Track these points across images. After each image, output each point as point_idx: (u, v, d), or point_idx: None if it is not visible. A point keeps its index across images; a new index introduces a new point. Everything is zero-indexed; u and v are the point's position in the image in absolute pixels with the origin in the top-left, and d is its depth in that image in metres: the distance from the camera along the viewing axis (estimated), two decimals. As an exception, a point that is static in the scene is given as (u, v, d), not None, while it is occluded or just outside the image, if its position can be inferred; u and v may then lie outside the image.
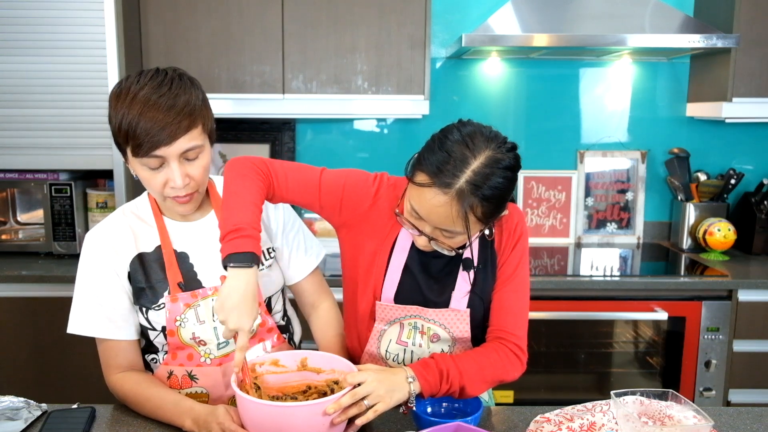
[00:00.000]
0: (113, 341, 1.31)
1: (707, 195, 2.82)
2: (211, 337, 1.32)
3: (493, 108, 2.94)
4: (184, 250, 1.34)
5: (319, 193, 1.29)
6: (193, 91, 1.25)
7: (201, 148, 1.25)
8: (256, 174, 1.24)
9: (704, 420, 1.13)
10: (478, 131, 1.15)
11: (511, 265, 1.31)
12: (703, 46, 2.40)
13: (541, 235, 2.97)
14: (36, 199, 2.61)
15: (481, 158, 1.11)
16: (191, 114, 1.22)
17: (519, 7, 2.50)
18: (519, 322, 1.30)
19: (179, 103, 1.20)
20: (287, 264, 1.46)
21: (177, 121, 1.19)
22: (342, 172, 1.33)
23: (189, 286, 1.32)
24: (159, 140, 1.18)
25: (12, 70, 2.38)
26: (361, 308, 1.34)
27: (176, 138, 1.20)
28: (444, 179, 1.10)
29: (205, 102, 1.29)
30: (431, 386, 1.18)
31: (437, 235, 1.18)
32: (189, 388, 1.34)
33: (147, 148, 1.19)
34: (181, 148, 1.21)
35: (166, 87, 1.21)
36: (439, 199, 1.11)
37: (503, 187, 1.13)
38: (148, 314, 1.32)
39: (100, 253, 1.31)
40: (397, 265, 1.30)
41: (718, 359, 2.41)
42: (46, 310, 2.30)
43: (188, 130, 1.21)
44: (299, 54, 2.54)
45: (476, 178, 1.10)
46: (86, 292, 1.31)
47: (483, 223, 1.17)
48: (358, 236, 1.32)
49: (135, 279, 1.31)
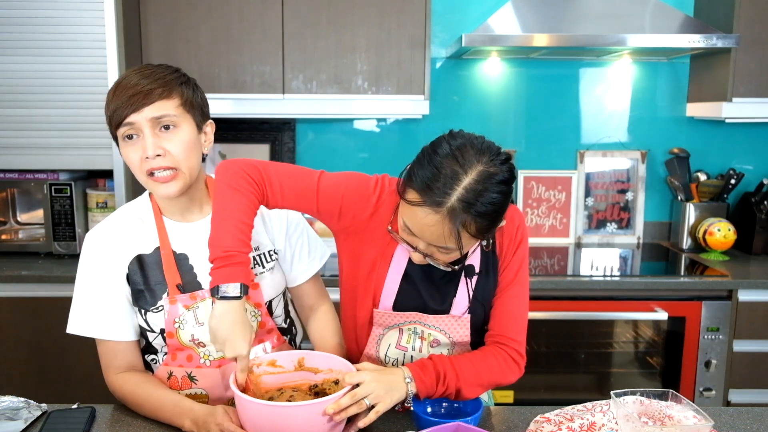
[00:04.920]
0: (112, 342, 1.31)
1: (707, 195, 2.82)
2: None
3: (493, 108, 2.94)
4: (183, 251, 1.34)
5: (316, 199, 1.24)
6: (176, 73, 1.28)
7: (176, 119, 1.25)
8: (248, 184, 1.19)
9: (704, 420, 1.13)
10: (469, 144, 1.09)
11: (512, 270, 1.29)
12: (703, 46, 2.40)
13: (541, 235, 2.97)
14: (36, 199, 2.61)
15: (472, 174, 1.06)
16: (165, 85, 1.24)
17: (519, 7, 2.50)
18: (519, 327, 1.29)
19: (154, 75, 1.24)
20: (290, 267, 1.45)
21: (148, 89, 1.22)
22: (341, 177, 1.26)
23: (188, 287, 1.31)
24: (129, 105, 1.21)
25: (12, 70, 2.38)
26: (360, 315, 1.32)
27: (145, 104, 1.21)
28: (435, 197, 1.06)
29: (187, 85, 1.29)
30: (428, 388, 1.19)
31: (432, 251, 1.14)
32: (189, 389, 1.34)
33: (119, 115, 1.22)
34: (150, 115, 1.22)
35: (151, 67, 1.27)
36: (431, 218, 1.07)
37: (498, 202, 1.08)
38: (146, 316, 1.31)
39: (99, 254, 1.31)
40: (397, 273, 1.28)
41: (718, 359, 2.41)
42: (46, 310, 2.30)
43: (160, 98, 1.23)
44: (299, 54, 2.54)
45: (468, 196, 1.05)
46: (85, 293, 1.31)
47: (479, 238, 1.13)
48: (358, 243, 1.29)
49: (133, 281, 1.31)
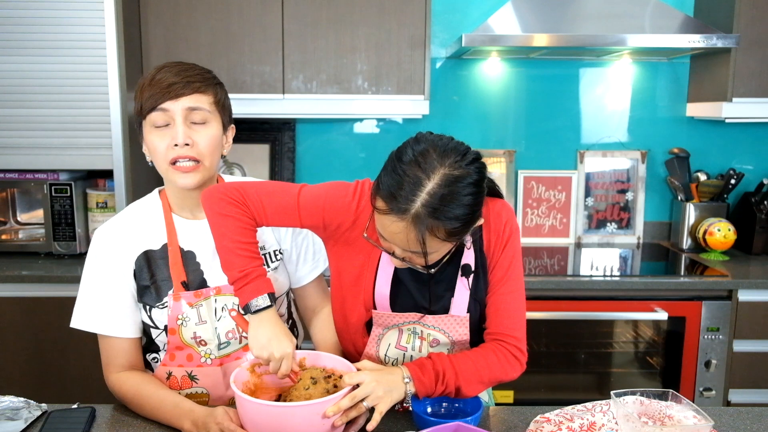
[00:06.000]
0: (114, 339, 1.31)
1: (707, 195, 2.82)
2: (212, 337, 1.32)
3: (493, 108, 2.94)
4: (191, 248, 1.35)
5: (298, 215, 1.24)
6: (211, 73, 1.34)
7: (208, 115, 1.29)
8: (234, 207, 1.22)
9: (704, 420, 1.13)
10: (432, 147, 1.07)
11: (502, 267, 1.28)
12: (703, 46, 2.40)
13: (541, 235, 2.97)
14: (36, 199, 2.61)
15: (435, 178, 1.05)
16: (202, 81, 1.29)
17: (519, 7, 2.50)
18: (517, 323, 1.29)
19: (192, 71, 1.29)
20: (295, 267, 1.47)
21: (185, 80, 1.27)
22: (321, 189, 1.26)
23: (194, 285, 1.32)
24: (166, 93, 1.25)
25: (12, 70, 2.38)
26: (353, 319, 1.32)
27: (182, 95, 1.26)
28: (399, 205, 1.05)
29: (221, 87, 1.35)
30: (426, 388, 1.19)
31: (408, 255, 1.13)
32: (189, 388, 1.34)
33: (154, 100, 1.25)
34: (186, 105, 1.26)
35: (187, 64, 1.32)
36: (396, 226, 1.07)
37: (467, 203, 1.07)
38: (151, 313, 1.32)
39: (107, 249, 1.32)
40: (386, 275, 1.28)
41: (718, 359, 2.41)
42: (46, 310, 2.30)
43: (196, 91, 1.27)
44: (299, 54, 2.54)
45: (433, 201, 1.04)
46: (91, 288, 1.32)
47: (452, 241, 1.12)
48: (344, 250, 1.30)
49: (140, 277, 1.32)
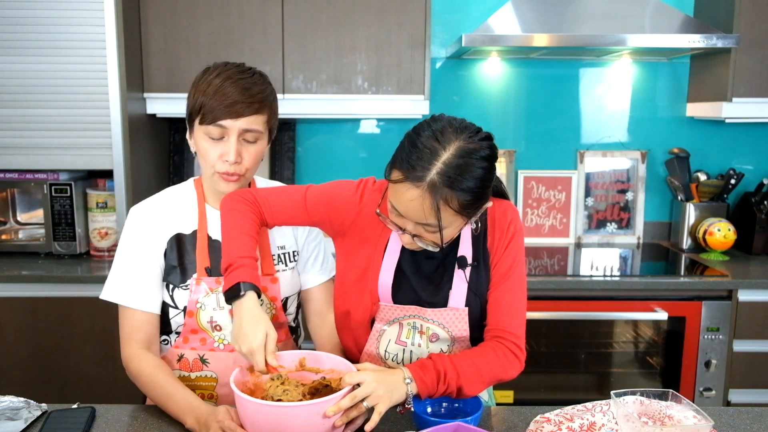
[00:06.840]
0: (138, 312, 1.35)
1: (707, 195, 2.82)
2: (227, 323, 1.36)
3: (493, 108, 2.94)
4: (218, 238, 1.39)
5: (306, 211, 1.33)
6: (269, 87, 1.38)
7: (260, 135, 1.35)
8: (244, 205, 1.31)
9: (704, 420, 1.13)
10: (448, 124, 1.15)
11: (504, 264, 1.30)
12: (703, 46, 2.40)
13: (541, 235, 2.97)
14: (36, 199, 2.61)
15: (451, 149, 1.11)
16: (262, 102, 1.34)
17: (519, 7, 2.50)
18: (516, 321, 1.29)
19: (255, 89, 1.33)
20: (302, 268, 1.52)
21: (248, 102, 1.31)
22: (326, 186, 1.35)
23: (216, 272, 1.37)
24: (227, 112, 1.30)
25: (12, 70, 2.38)
26: (357, 313, 1.34)
27: (242, 116, 1.31)
28: (416, 173, 1.11)
29: (275, 102, 1.40)
30: (428, 388, 1.19)
31: (420, 231, 1.18)
32: (200, 371, 1.38)
33: (214, 116, 1.30)
34: (243, 126, 1.31)
35: (248, 73, 1.35)
36: (412, 193, 1.12)
37: (480, 177, 1.12)
38: (173, 292, 1.37)
39: (142, 226, 1.38)
40: (390, 267, 1.31)
41: (718, 359, 2.41)
42: (46, 310, 2.30)
43: (255, 113, 1.32)
44: (299, 54, 2.54)
45: (448, 170, 1.10)
46: (123, 263, 1.38)
47: (464, 216, 1.16)
48: (351, 244, 1.34)
49: (169, 257, 1.38)
